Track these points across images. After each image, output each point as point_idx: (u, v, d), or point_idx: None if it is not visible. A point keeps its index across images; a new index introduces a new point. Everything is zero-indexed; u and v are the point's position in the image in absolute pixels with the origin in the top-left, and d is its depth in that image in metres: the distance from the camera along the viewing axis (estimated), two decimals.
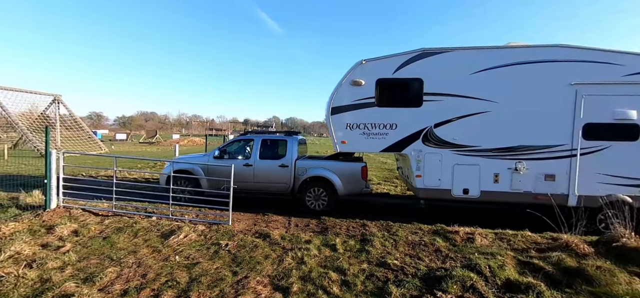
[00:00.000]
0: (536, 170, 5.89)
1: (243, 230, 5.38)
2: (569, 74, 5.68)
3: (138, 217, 5.70)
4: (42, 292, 3.17)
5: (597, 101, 5.61)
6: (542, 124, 5.84)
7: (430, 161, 6.25)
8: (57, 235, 4.69)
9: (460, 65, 6.08)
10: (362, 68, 6.42)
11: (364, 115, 6.46)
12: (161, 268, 3.78)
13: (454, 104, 6.10)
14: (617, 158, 5.60)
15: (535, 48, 5.86)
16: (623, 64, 5.49)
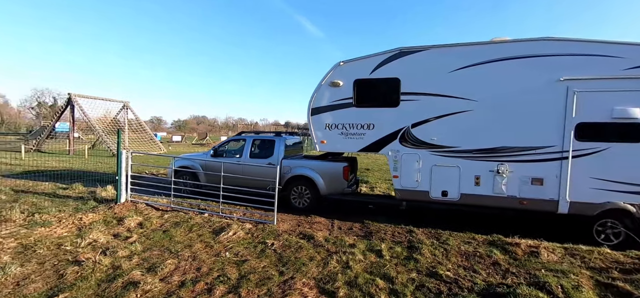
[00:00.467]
0: (521, 173, 5.43)
1: (287, 230, 5.45)
2: (558, 69, 5.13)
3: (192, 213, 6.10)
4: (114, 278, 3.51)
5: (592, 98, 5.01)
6: (527, 124, 5.38)
7: (408, 162, 6.09)
8: (126, 227, 5.20)
9: (439, 63, 5.85)
10: (341, 69, 6.42)
11: (342, 116, 6.47)
12: (213, 263, 3.97)
13: (432, 103, 5.88)
14: (617, 162, 4.92)
15: (520, 42, 5.40)
16: (623, 56, 4.82)
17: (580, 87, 5.05)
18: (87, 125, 21.47)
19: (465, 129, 5.72)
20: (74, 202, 6.63)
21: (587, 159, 5.08)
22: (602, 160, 4.99)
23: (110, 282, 3.43)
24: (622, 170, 4.92)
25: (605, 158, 4.98)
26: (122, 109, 23.02)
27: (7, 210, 5.75)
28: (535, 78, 5.29)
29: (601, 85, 4.96)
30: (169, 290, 3.30)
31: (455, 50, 5.78)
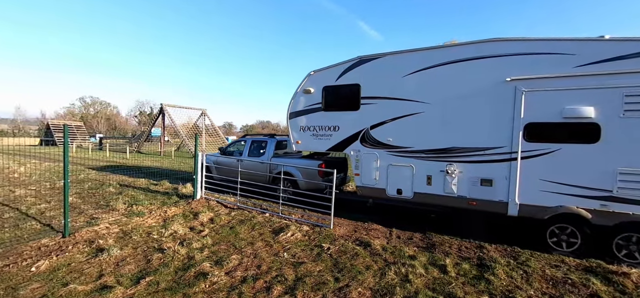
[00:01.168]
0: (471, 173, 5.42)
1: (344, 235, 5.37)
2: (505, 70, 5.05)
3: (255, 212, 6.47)
4: (188, 267, 3.90)
5: (542, 97, 4.85)
6: (476, 125, 5.36)
7: (367, 160, 6.42)
8: (199, 221, 5.78)
9: (393, 69, 6.08)
10: (312, 78, 7.00)
11: (313, 119, 7.04)
12: (272, 262, 4.12)
13: (388, 106, 6.12)
14: (570, 164, 4.69)
15: (467, 45, 5.40)
16: (574, 53, 4.63)
17: (528, 86, 4.93)
18: (174, 131, 24.83)
19: (418, 130, 5.86)
20: (161, 196, 7.65)
21: (536, 160, 4.90)
22: (553, 162, 4.78)
23: (185, 270, 3.81)
24: (575, 173, 4.65)
25: (556, 160, 4.77)
26: (201, 116, 25.99)
27: (114, 201, 6.93)
28: (483, 79, 5.26)
29: (550, 84, 4.79)
30: (233, 284, 3.52)
31: (407, 56, 5.98)
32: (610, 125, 4.45)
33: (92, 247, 4.40)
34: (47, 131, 34.86)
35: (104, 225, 5.29)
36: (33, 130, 47.04)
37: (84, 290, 3.30)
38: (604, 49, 4.49)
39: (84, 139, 34.62)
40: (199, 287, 3.40)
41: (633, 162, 4.30)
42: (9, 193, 7.61)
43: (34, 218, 5.67)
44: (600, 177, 4.49)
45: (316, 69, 7.05)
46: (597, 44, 4.54)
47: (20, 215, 5.85)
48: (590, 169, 4.57)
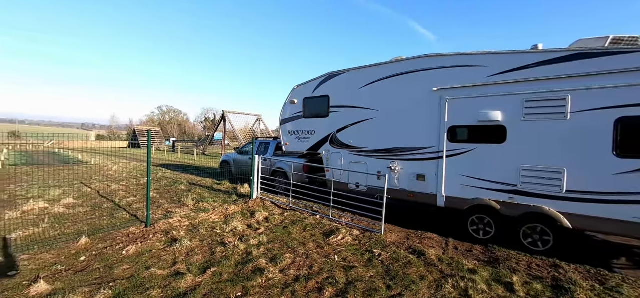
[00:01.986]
0: (409, 170, 6.21)
1: (395, 242, 5.19)
2: (433, 81, 5.82)
3: (306, 213, 6.63)
4: (246, 262, 4.17)
5: (461, 104, 5.54)
6: (413, 128, 6.14)
7: (334, 159, 7.48)
8: (256, 219, 6.13)
9: (353, 82, 7.04)
10: (296, 91, 8.29)
11: (297, 125, 8.30)
12: (323, 264, 4.17)
13: (349, 114, 7.13)
14: (483, 161, 5.33)
15: (405, 61, 6.25)
16: (485, 65, 5.29)
17: (450, 95, 5.62)
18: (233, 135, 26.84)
19: (370, 133, 6.80)
20: (223, 195, 8.32)
21: (457, 158, 5.57)
22: (470, 160, 5.42)
23: (244, 264, 4.08)
24: (487, 169, 5.27)
25: (472, 158, 5.40)
26: (256, 121, 27.66)
27: (184, 197, 7.74)
28: (417, 90, 6.04)
29: (467, 93, 5.43)
30: (286, 281, 3.65)
31: (363, 71, 6.92)
32: (513, 127, 5.05)
33: (168, 237, 4.98)
34: (134, 135, 40.57)
35: (177, 218, 5.94)
36: (123, 134, 55.19)
37: (162, 275, 3.75)
38: (508, 60, 5.09)
39: (161, 142, 39.44)
40: (257, 281, 3.61)
41: (532, 159, 4.89)
42: (106, 187, 9.04)
43: (124, 209, 6.63)
44: (507, 173, 5.10)
45: (299, 83, 8.31)
46: (503, 56, 5.14)
47: (114, 206, 6.90)
48: (500, 166, 5.18)
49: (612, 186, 4.30)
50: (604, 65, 4.34)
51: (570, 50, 4.65)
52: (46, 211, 6.35)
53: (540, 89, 4.82)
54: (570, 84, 4.60)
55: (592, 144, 4.45)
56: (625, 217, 4.20)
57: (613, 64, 4.28)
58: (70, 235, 5.01)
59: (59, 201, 7.02)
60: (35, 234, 5.01)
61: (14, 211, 6.18)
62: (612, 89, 4.31)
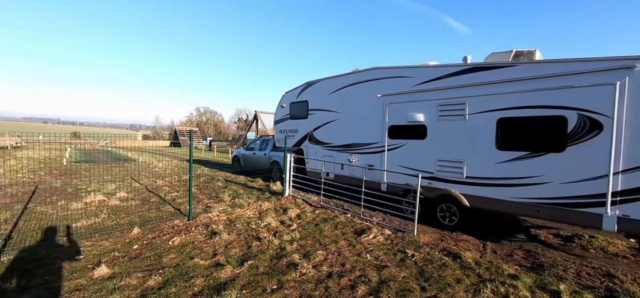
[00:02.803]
0: (363, 161, 7.46)
1: (429, 243, 5.05)
2: (378, 89, 7.03)
3: (337, 212, 6.66)
4: (280, 256, 4.30)
5: (397, 107, 6.70)
6: (365, 127, 7.38)
7: (312, 153, 8.83)
8: (288, 216, 6.28)
9: (325, 89, 8.38)
10: (285, 97, 9.81)
11: (286, 125, 9.81)
12: (355, 262, 4.18)
13: (322, 115, 8.49)
14: (411, 154, 6.52)
15: (361, 72, 7.50)
16: (413, 76, 6.39)
17: (390, 100, 6.81)
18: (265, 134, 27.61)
19: (336, 131, 8.11)
20: (256, 192, 8.62)
21: (394, 151, 6.80)
22: (402, 152, 6.68)
23: (278, 259, 4.21)
24: (413, 160, 6.49)
25: (404, 151, 6.66)
26: None
27: (221, 193, 8.14)
28: (368, 96, 7.15)
29: (400, 98, 6.64)
30: (319, 277, 3.71)
31: (332, 80, 8.22)
32: (431, 126, 6.16)
33: (208, 230, 5.28)
34: (175, 135, 43.29)
35: (215, 213, 6.27)
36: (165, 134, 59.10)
37: (204, 265, 3.99)
38: (428, 72, 6.15)
39: (198, 142, 41.68)
40: (291, 275, 3.71)
41: (444, 152, 6.00)
42: (152, 183, 9.77)
43: (169, 203, 7.14)
44: (428, 163, 6.22)
45: (288, 90, 9.81)
46: (425, 69, 6.24)
47: (160, 200, 7.46)
48: (422, 158, 6.31)
49: (495, 173, 5.39)
50: (489, 77, 5.43)
51: (467, 65, 5.78)
52: (104, 203, 7.02)
53: (448, 95, 5.94)
54: (467, 91, 5.69)
55: (481, 139, 5.54)
56: (504, 197, 5.31)
57: (495, 76, 5.36)
58: (124, 225, 5.51)
59: (114, 194, 7.73)
60: (96, 223, 5.57)
61: (78, 203, 6.92)
62: (495, 95, 5.37)
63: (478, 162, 5.59)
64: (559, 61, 4.86)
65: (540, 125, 4.98)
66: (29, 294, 3.20)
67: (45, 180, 9.85)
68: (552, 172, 4.86)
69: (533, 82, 4.99)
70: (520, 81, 5.10)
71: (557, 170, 4.82)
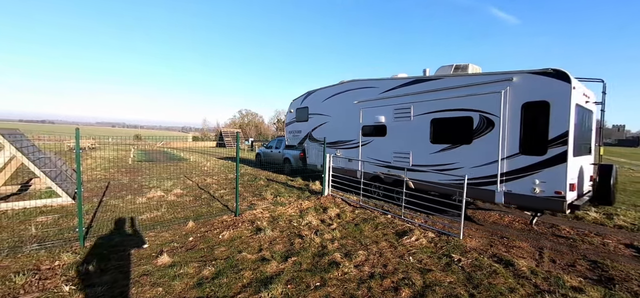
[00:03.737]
0: (346, 155, 9.14)
1: (477, 248, 4.75)
2: (355, 97, 8.74)
3: (377, 212, 6.56)
4: (322, 254, 4.36)
5: (367, 111, 8.39)
6: (346, 128, 9.09)
7: (311, 150, 10.87)
8: (328, 215, 6.35)
9: (320, 97, 10.30)
10: (292, 103, 11.81)
11: (293, 127, 11.79)
12: (397, 264, 4.09)
13: (318, 118, 10.45)
14: (376, 148, 8.12)
15: (344, 83, 9.26)
16: (377, 86, 8.05)
17: (363, 105, 8.52)
18: None
19: (327, 131, 9.81)
20: (296, 191, 8.83)
21: (366, 147, 8.48)
22: (371, 147, 8.30)
23: (320, 257, 4.29)
24: (378, 153, 8.03)
25: (372, 146, 8.27)
26: None
27: (264, 191, 8.48)
28: (348, 102, 9.00)
29: (369, 104, 8.31)
30: (361, 277, 3.70)
31: (325, 89, 10.02)
32: (390, 126, 7.71)
33: (253, 226, 5.55)
34: (220, 136, 46.04)
35: (259, 210, 6.56)
36: (211, 135, 63.14)
37: (251, 258, 4.21)
38: (387, 83, 7.77)
39: (241, 142, 43.85)
40: (333, 274, 3.75)
41: (397, 146, 7.50)
42: (202, 181, 10.52)
43: (217, 200, 7.64)
44: (387, 155, 7.74)
45: (294, 97, 11.83)
46: (385, 81, 7.83)
47: (210, 197, 8.01)
48: (384, 151, 7.82)
49: (429, 161, 6.78)
50: (425, 87, 6.86)
51: (411, 77, 7.29)
52: (163, 198, 7.74)
53: (400, 101, 7.46)
54: (412, 98, 7.18)
55: (421, 135, 6.95)
56: (435, 179, 6.61)
57: (429, 86, 6.79)
58: (181, 219, 6.02)
59: (171, 191, 8.48)
60: (157, 217, 6.17)
61: (142, 197, 7.72)
62: (429, 101, 6.79)
63: (419, 153, 7.09)
64: (466, 75, 6.38)
65: (456, 123, 6.34)
66: (107, 276, 3.66)
67: (115, 177, 11.14)
68: (465, 160, 6.21)
69: (452, 91, 6.41)
70: (444, 90, 6.54)
71: (467, 158, 6.17)
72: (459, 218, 5.21)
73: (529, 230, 5.90)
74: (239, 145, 6.22)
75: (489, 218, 6.70)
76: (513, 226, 6.16)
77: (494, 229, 5.89)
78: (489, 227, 6.01)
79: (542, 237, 5.49)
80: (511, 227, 6.11)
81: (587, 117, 5.95)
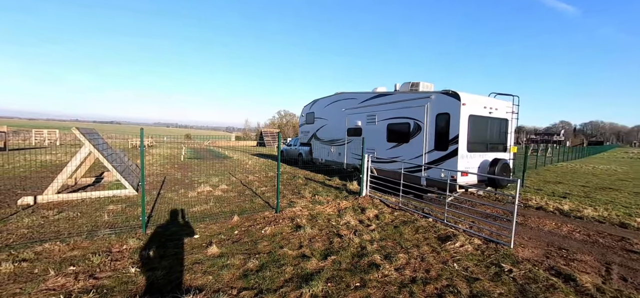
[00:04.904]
0: (337, 150, 11.95)
1: (531, 259, 4.33)
2: (343, 105, 11.57)
3: (417, 215, 6.30)
4: (361, 255, 4.31)
5: (350, 117, 11.10)
6: (338, 129, 11.90)
7: (315, 146, 13.81)
8: (366, 216, 6.25)
9: (322, 104, 13.21)
10: (304, 108, 14.93)
11: (304, 128, 14.96)
12: (441, 270, 3.88)
13: (320, 121, 13.34)
14: (355, 145, 10.61)
15: (337, 94, 12.19)
16: (356, 98, 10.89)
17: (347, 112, 11.23)
18: None
19: (327, 132, 12.83)
20: (334, 190, 8.85)
21: (350, 144, 11.06)
22: (352, 145, 10.85)
23: (359, 257, 4.24)
24: (357, 150, 10.29)
25: (353, 144, 10.83)
26: None
27: (302, 190, 8.63)
28: (339, 109, 11.78)
29: (351, 111, 11.03)
30: (402, 281, 3.58)
31: (326, 98, 12.99)
32: (364, 129, 10.33)
33: (293, 224, 5.67)
34: (260, 136, 47.88)
35: (298, 208, 6.69)
36: (252, 135, 65.92)
37: (292, 254, 4.31)
38: (362, 96, 10.56)
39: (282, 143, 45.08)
40: (373, 275, 3.68)
41: (368, 144, 9.60)
42: (245, 178, 11.03)
43: (259, 197, 7.95)
44: (361, 151, 8.58)
45: (305, 103, 14.80)
46: (361, 94, 10.67)
47: (252, 194, 8.37)
48: (360, 148, 9.25)
49: (386, 155, 9.29)
50: (384, 100, 9.52)
51: (376, 92, 10.06)
52: (211, 193, 8.27)
53: (370, 110, 10.09)
54: (376, 108, 9.76)
55: (381, 136, 9.48)
56: (390, 168, 8.93)
57: (386, 99, 9.43)
58: (227, 213, 6.37)
59: (218, 186, 9.02)
60: (206, 210, 6.61)
61: (192, 191, 8.33)
62: (386, 111, 9.38)
63: (380, 149, 9.58)
64: (404, 91, 9.11)
65: (400, 127, 8.82)
66: (165, 261, 4.01)
67: (170, 173, 12.17)
68: (406, 154, 8.57)
69: (399, 103, 8.95)
70: (394, 103, 9.10)
71: (407, 153, 8.53)
72: (509, 226, 4.79)
73: (593, 242, 5.24)
74: (280, 145, 6.40)
75: (543, 227, 6.08)
76: (572, 237, 5.51)
77: (550, 239, 5.32)
78: (544, 237, 5.45)
79: (610, 251, 4.84)
80: (570, 237, 5.47)
81: (494, 124, 7.85)
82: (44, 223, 5.33)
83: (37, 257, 3.98)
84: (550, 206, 7.64)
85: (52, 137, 29.49)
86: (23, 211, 5.94)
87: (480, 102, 7.45)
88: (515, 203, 4.69)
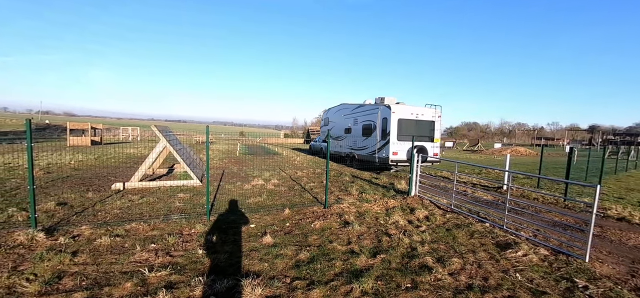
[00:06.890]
0: (340, 144, 16.50)
1: (611, 276, 3.72)
2: (343, 112, 16.34)
3: (472, 219, 5.83)
4: (412, 256, 4.15)
5: (347, 120, 15.68)
6: (341, 129, 16.37)
7: (332, 144, 16.38)
8: (416, 216, 5.99)
9: (333, 111, 18.10)
10: (323, 112, 22.82)
11: (324, 129, 20.39)
12: (501, 279, 3.54)
13: (331, 123, 18.16)
14: (349, 140, 15.25)
15: (341, 104, 17.11)
16: (349, 107, 15.73)
17: (345, 117, 16.03)
18: None
19: (334, 131, 17.44)
20: (381, 189, 8.65)
21: (345, 140, 15.86)
22: (347, 140, 15.62)
23: (409, 258, 4.08)
24: (348, 142, 15.42)
25: (347, 138, 15.60)
26: None
27: (349, 187, 8.60)
28: (341, 114, 16.69)
29: (348, 116, 15.78)
30: (457, 287, 3.36)
31: (335, 107, 17.86)
32: (353, 128, 15.08)
33: (341, 220, 5.69)
34: (307, 133, 49.00)
35: (346, 204, 6.69)
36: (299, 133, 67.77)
37: (341, 249, 4.33)
38: (352, 106, 15.54)
39: None
40: (425, 278, 3.52)
41: (353, 140, 14.91)
42: (294, 173, 11.40)
43: (308, 192, 8.15)
44: (351, 144, 15.02)
45: (324, 108, 22.50)
46: (350, 105, 15.79)
47: (301, 189, 8.61)
48: (350, 142, 15.16)
49: (361, 145, 14.17)
50: (361, 109, 14.46)
51: (358, 103, 15.18)
52: (263, 187, 8.73)
53: (354, 115, 15.06)
54: (357, 114, 14.80)
55: (360, 133, 14.34)
56: (362, 154, 13.99)
57: (362, 109, 14.38)
58: (278, 205, 6.67)
59: (269, 181, 9.48)
60: (260, 202, 6.99)
61: (247, 184, 8.89)
62: (361, 115, 14.42)
63: (358, 141, 14.34)
64: (370, 103, 13.98)
65: (367, 127, 13.48)
66: (227, 246, 4.36)
67: (228, 166, 13.16)
68: (370, 144, 13.18)
69: (367, 111, 13.79)
70: (366, 111, 13.88)
71: (371, 143, 13.12)
72: (583, 237, 4.16)
73: None
74: (329, 143, 6.46)
75: (627, 241, 5.16)
76: None
77: (637, 255, 4.49)
78: (629, 253, 4.62)
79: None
80: None
81: (421, 124, 12.47)
82: (131, 205, 6.19)
83: (127, 234, 4.64)
84: (636, 217, 6.44)
85: (134, 134, 34.09)
86: (115, 194, 6.98)
87: (408, 110, 12.20)
88: (593, 211, 4.06)
